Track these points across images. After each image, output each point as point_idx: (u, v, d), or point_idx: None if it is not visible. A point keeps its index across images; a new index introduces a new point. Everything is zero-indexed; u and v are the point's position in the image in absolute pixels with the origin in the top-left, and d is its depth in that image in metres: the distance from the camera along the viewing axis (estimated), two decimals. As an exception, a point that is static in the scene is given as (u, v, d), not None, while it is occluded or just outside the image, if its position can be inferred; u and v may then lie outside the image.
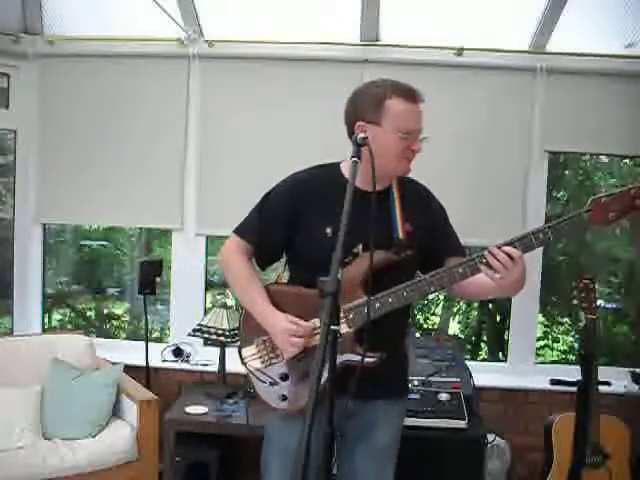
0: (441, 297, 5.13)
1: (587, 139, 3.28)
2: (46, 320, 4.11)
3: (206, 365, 3.38)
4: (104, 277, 5.09)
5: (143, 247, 4.94)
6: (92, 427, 2.82)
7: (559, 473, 2.66)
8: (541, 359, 4.56)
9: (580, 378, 2.69)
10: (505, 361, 3.56)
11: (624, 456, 2.68)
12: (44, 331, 3.72)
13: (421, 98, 1.76)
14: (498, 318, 4.91)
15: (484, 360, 4.70)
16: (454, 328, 5.21)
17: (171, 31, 3.28)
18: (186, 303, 3.51)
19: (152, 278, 3.29)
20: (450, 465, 2.63)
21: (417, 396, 2.75)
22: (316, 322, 1.73)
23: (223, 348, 3.11)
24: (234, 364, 2.28)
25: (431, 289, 1.69)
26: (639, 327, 4.39)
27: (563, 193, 4.67)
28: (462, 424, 2.65)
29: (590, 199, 1.62)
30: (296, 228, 1.80)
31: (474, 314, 5.21)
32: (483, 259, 1.64)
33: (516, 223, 3.21)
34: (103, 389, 2.93)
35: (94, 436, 2.80)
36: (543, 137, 3.27)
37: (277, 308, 1.79)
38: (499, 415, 3.21)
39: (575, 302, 2.69)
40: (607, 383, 3.07)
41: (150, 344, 3.28)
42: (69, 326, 4.83)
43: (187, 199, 3.44)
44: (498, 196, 3.26)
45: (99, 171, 3.45)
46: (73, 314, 4.99)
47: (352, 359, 1.66)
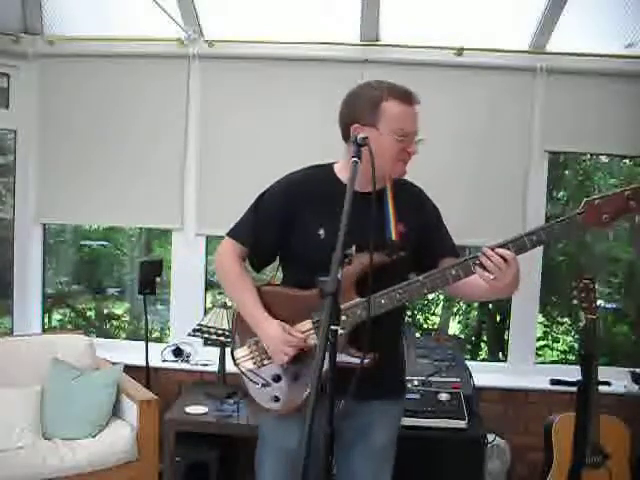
0: (441, 297, 5.13)
1: (587, 139, 3.28)
2: (46, 320, 4.11)
3: (206, 365, 3.38)
4: (104, 277, 5.09)
5: (143, 247, 4.94)
6: (92, 427, 2.82)
7: (559, 473, 2.66)
8: (541, 359, 4.56)
9: (580, 378, 2.68)
10: (505, 361, 3.56)
11: (624, 456, 2.68)
12: (44, 331, 3.72)
13: (417, 100, 1.74)
14: (498, 318, 4.91)
15: (484, 360, 4.69)
16: (454, 328, 5.21)
17: (171, 31, 3.28)
18: (186, 303, 3.51)
19: (152, 278, 3.29)
20: (450, 465, 2.63)
21: (417, 396, 2.75)
22: (307, 324, 1.74)
23: (223, 348, 3.10)
24: (234, 364, 2.28)
25: (424, 291, 1.68)
26: (639, 327, 4.39)
27: (563, 193, 4.67)
28: (462, 424, 2.65)
29: (583, 201, 1.60)
30: (290, 229, 1.79)
31: (474, 314, 5.21)
32: (476, 261, 1.63)
33: (516, 223, 3.21)
34: (103, 389, 2.93)
35: (94, 436, 2.80)
36: (543, 137, 3.27)
37: (269, 309, 1.79)
38: (499, 415, 3.21)
39: (575, 302, 2.68)
40: (607, 383, 3.06)
41: (150, 344, 3.28)
42: (69, 326, 4.84)
43: (187, 199, 3.44)
44: (498, 196, 3.26)
45: (99, 171, 3.45)
46: (73, 314, 4.99)
47: (344, 360, 1.64)
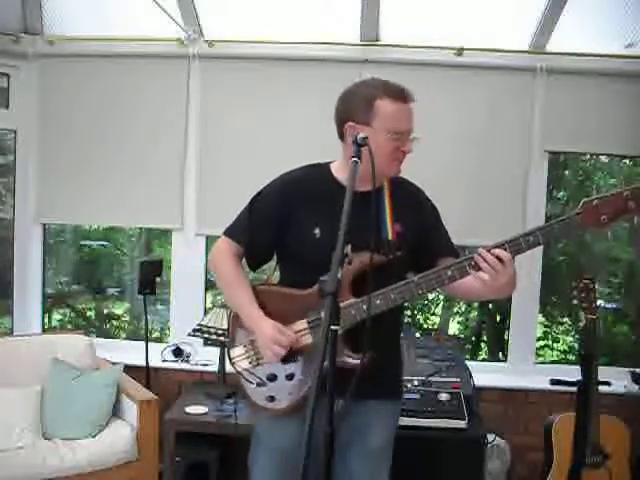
0: (441, 297, 5.13)
1: (587, 139, 3.28)
2: (46, 320, 4.11)
3: (206, 365, 3.38)
4: (104, 277, 5.09)
5: (143, 247, 4.94)
6: (92, 427, 2.82)
7: (559, 473, 2.66)
8: (541, 359, 4.57)
9: (580, 378, 2.68)
10: (505, 361, 3.55)
11: (624, 456, 2.67)
12: (44, 331, 3.72)
13: (411, 98, 1.73)
14: (498, 318, 4.91)
15: (484, 360, 4.70)
16: (454, 328, 5.21)
17: (171, 31, 3.28)
18: (186, 303, 3.51)
19: (152, 278, 3.29)
20: (450, 465, 2.63)
21: (417, 396, 2.75)
22: (303, 323, 1.73)
23: (223, 348, 3.10)
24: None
25: (419, 291, 1.67)
26: (639, 327, 4.39)
27: (563, 193, 4.67)
28: (462, 424, 2.65)
29: (582, 201, 1.58)
30: (286, 228, 1.79)
31: (474, 314, 5.21)
32: (472, 262, 1.62)
33: (516, 223, 3.21)
34: (103, 389, 2.93)
35: (94, 436, 2.80)
36: (543, 137, 3.27)
37: (265, 308, 1.78)
38: (499, 415, 3.21)
39: (575, 302, 2.69)
40: (607, 383, 3.06)
41: (150, 344, 3.28)
42: (69, 326, 4.84)
43: (187, 199, 3.44)
44: (498, 196, 3.26)
45: (99, 171, 3.45)
46: (73, 314, 5.00)
47: (339, 360, 1.62)
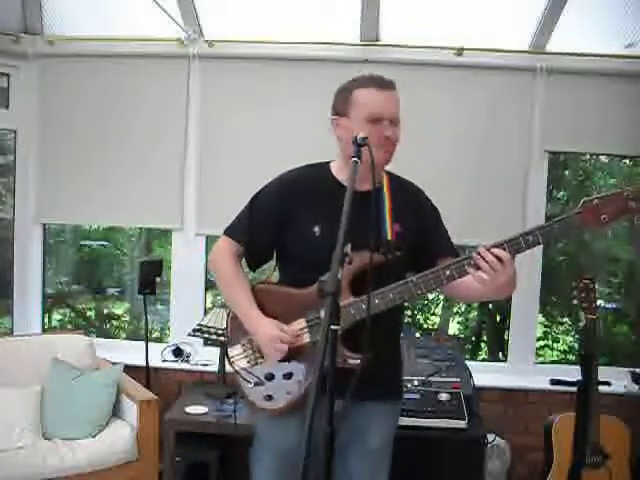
0: (441, 297, 5.13)
1: (587, 139, 3.28)
2: (46, 320, 4.11)
3: (206, 365, 3.38)
4: (104, 277, 5.09)
5: (143, 247, 4.94)
6: (92, 427, 2.82)
7: (559, 473, 2.66)
8: (541, 359, 4.57)
9: (580, 378, 2.68)
10: (505, 361, 3.55)
11: (624, 456, 2.67)
12: (44, 331, 3.72)
13: (390, 85, 1.73)
14: (498, 318, 4.91)
15: (484, 360, 4.70)
16: (454, 328, 5.21)
17: (171, 31, 3.28)
18: (186, 303, 3.51)
19: (152, 278, 3.29)
20: (450, 465, 2.63)
21: (417, 396, 2.75)
22: (301, 322, 1.73)
23: (223, 348, 3.10)
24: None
25: (418, 291, 1.66)
26: (639, 327, 4.39)
27: (563, 193, 4.67)
28: (462, 424, 2.65)
29: (582, 201, 1.58)
30: (285, 228, 1.79)
31: (474, 314, 5.22)
32: (471, 261, 1.62)
33: (516, 223, 3.20)
34: (103, 389, 2.93)
35: (94, 436, 2.80)
36: (543, 137, 3.27)
37: (263, 308, 1.78)
38: (499, 415, 3.21)
39: (575, 302, 2.68)
40: (607, 383, 3.06)
41: (150, 344, 3.28)
42: (69, 326, 4.84)
43: (187, 199, 3.44)
44: (498, 196, 3.26)
45: (99, 171, 3.45)
46: (73, 314, 5.00)
47: (338, 360, 1.63)
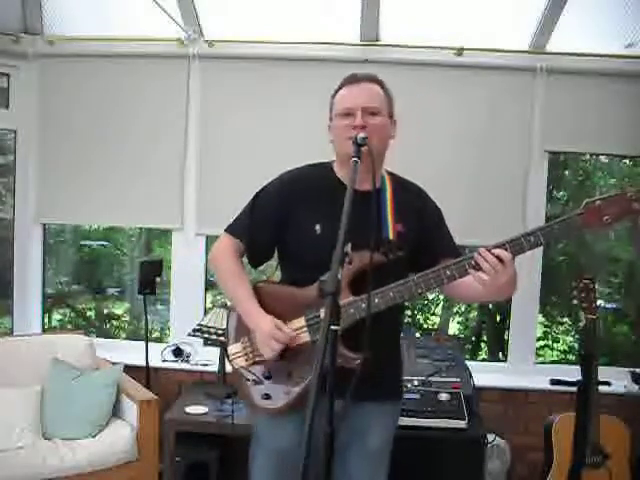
0: (441, 297, 5.13)
1: (587, 139, 3.28)
2: (46, 320, 4.11)
3: (206, 365, 3.38)
4: (104, 277, 5.09)
5: (143, 247, 4.94)
6: (92, 427, 2.82)
7: (559, 473, 2.66)
8: (541, 359, 4.57)
9: (580, 378, 2.68)
10: (505, 361, 3.55)
11: (624, 456, 2.68)
12: (44, 331, 3.72)
13: (363, 78, 1.77)
14: (498, 318, 4.91)
15: (484, 360, 4.70)
16: (454, 328, 5.21)
17: (171, 31, 3.28)
18: (186, 303, 3.51)
19: (152, 278, 3.29)
20: (450, 465, 2.62)
21: (417, 396, 2.75)
22: (301, 321, 1.73)
23: (223, 348, 3.10)
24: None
25: (418, 291, 1.65)
26: (639, 327, 4.39)
27: (563, 193, 4.67)
28: (462, 424, 2.65)
29: (584, 202, 1.57)
30: (286, 226, 1.79)
31: (474, 314, 5.21)
32: (472, 261, 1.61)
33: (516, 223, 3.21)
34: (103, 389, 2.93)
35: (94, 436, 2.80)
36: (543, 137, 3.27)
37: (265, 306, 1.78)
38: (499, 415, 3.21)
39: (575, 302, 2.68)
40: (607, 383, 3.06)
41: (150, 344, 3.28)
42: (69, 326, 4.84)
43: (187, 199, 3.44)
44: (498, 196, 3.26)
45: (99, 171, 3.45)
46: (73, 314, 5.00)
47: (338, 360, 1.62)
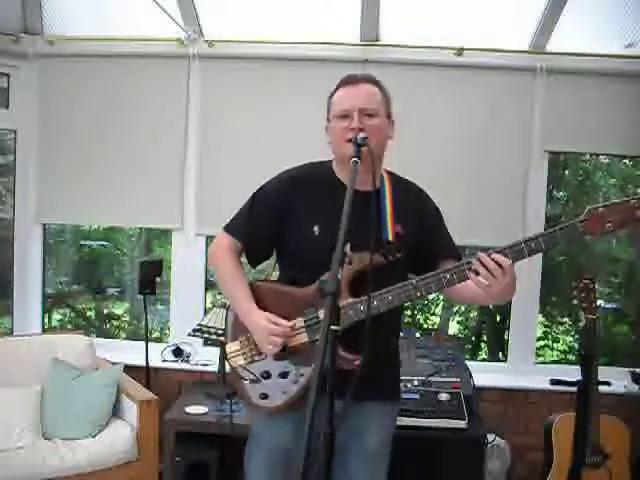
0: (441, 297, 5.13)
1: (587, 139, 3.28)
2: (46, 320, 4.11)
3: (206, 365, 3.38)
4: (104, 277, 5.09)
5: (143, 247, 4.94)
6: (92, 427, 2.82)
7: (559, 473, 2.66)
8: (541, 359, 4.56)
9: (580, 378, 2.69)
10: (505, 361, 3.55)
11: (624, 456, 2.68)
12: (44, 331, 3.72)
13: (360, 79, 1.77)
14: (498, 318, 4.91)
15: (484, 360, 4.70)
16: (454, 328, 5.21)
17: (171, 31, 3.28)
18: (186, 303, 3.51)
19: (152, 278, 3.29)
20: (450, 465, 2.62)
21: (417, 396, 2.75)
22: (298, 322, 1.73)
23: (223, 348, 3.09)
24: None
25: (417, 294, 1.65)
26: (639, 327, 4.39)
27: (563, 193, 4.67)
28: (462, 424, 2.65)
29: (587, 209, 1.55)
30: (285, 225, 1.79)
31: (474, 314, 5.21)
32: (472, 266, 1.61)
33: (516, 223, 3.21)
34: (103, 389, 2.93)
35: (94, 436, 2.80)
36: (543, 137, 3.27)
37: (262, 305, 1.77)
38: (499, 415, 3.21)
39: (575, 302, 2.69)
40: (607, 383, 3.06)
41: (150, 344, 3.28)
42: (69, 326, 4.84)
43: (187, 199, 3.44)
44: (498, 196, 3.26)
45: (99, 171, 3.45)
46: (73, 314, 5.00)
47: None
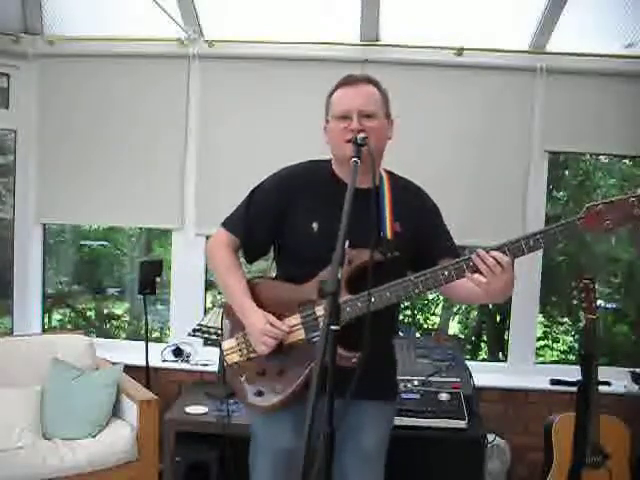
0: (441, 297, 5.13)
1: (587, 139, 3.28)
2: (46, 320, 4.11)
3: (206, 365, 3.38)
4: (104, 277, 5.09)
5: (143, 247, 4.94)
6: (92, 427, 2.82)
7: (559, 473, 2.66)
8: (541, 359, 4.56)
9: (580, 378, 2.69)
10: (505, 361, 3.55)
11: (624, 456, 2.68)
12: (44, 331, 3.72)
13: (359, 80, 1.76)
14: (498, 318, 4.91)
15: (484, 360, 4.69)
16: (454, 328, 5.21)
17: (171, 31, 3.28)
18: (186, 303, 3.51)
19: (152, 278, 3.29)
20: (450, 465, 2.62)
21: (417, 396, 2.74)
22: (295, 318, 1.73)
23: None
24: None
25: (416, 291, 1.64)
26: (639, 327, 4.39)
27: (563, 193, 4.67)
28: (462, 424, 2.64)
29: (585, 206, 1.55)
30: (283, 222, 1.79)
31: (474, 314, 5.21)
32: (470, 262, 1.60)
33: (516, 223, 3.21)
34: (103, 389, 2.93)
35: (94, 436, 2.80)
36: (543, 137, 3.27)
37: (260, 302, 1.77)
38: (499, 415, 3.21)
39: (575, 302, 2.69)
40: (607, 383, 3.06)
41: (150, 344, 3.28)
42: (69, 326, 4.84)
43: (187, 199, 3.44)
44: (498, 196, 3.26)
45: (99, 171, 3.45)
46: (73, 314, 5.00)
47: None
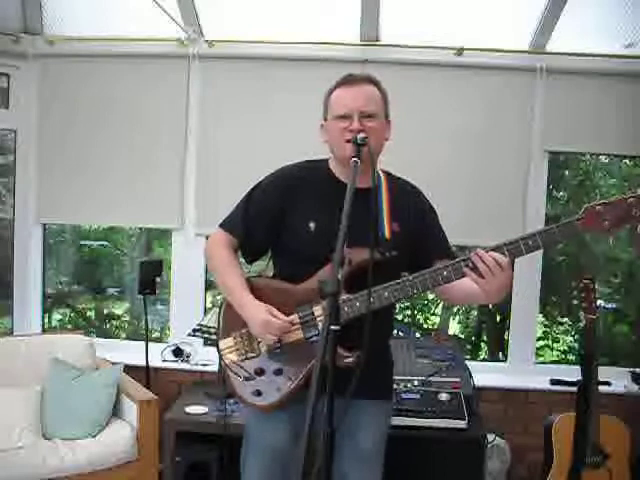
0: (441, 297, 5.12)
1: (587, 139, 3.28)
2: (46, 320, 4.11)
3: (206, 365, 3.38)
4: (104, 277, 5.09)
5: (143, 247, 4.94)
6: (92, 427, 2.82)
7: (559, 473, 2.66)
8: (541, 359, 4.56)
9: (580, 378, 2.69)
10: (505, 361, 3.55)
11: (624, 456, 2.67)
12: (44, 331, 3.72)
13: (359, 80, 1.76)
14: (498, 318, 4.91)
15: (484, 360, 4.70)
16: (454, 328, 5.21)
17: (171, 31, 3.28)
18: (186, 303, 3.51)
19: (152, 278, 3.29)
20: (450, 465, 2.62)
21: (417, 396, 2.74)
22: (295, 317, 1.73)
23: (223, 348, 3.10)
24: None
25: (414, 291, 1.65)
26: (639, 327, 4.39)
27: (563, 193, 4.67)
28: (462, 424, 2.64)
29: (584, 207, 1.55)
30: (281, 222, 1.80)
31: (474, 314, 5.21)
32: (469, 262, 1.60)
33: (516, 223, 3.21)
34: (103, 389, 2.93)
35: (94, 436, 2.80)
36: (543, 137, 3.27)
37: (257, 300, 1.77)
38: (499, 415, 3.21)
39: (575, 302, 2.69)
40: (607, 383, 3.06)
41: (150, 344, 3.28)
42: (69, 326, 4.84)
43: (187, 199, 3.44)
44: (498, 196, 3.26)
45: (99, 171, 3.45)
46: (73, 314, 5.00)
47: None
